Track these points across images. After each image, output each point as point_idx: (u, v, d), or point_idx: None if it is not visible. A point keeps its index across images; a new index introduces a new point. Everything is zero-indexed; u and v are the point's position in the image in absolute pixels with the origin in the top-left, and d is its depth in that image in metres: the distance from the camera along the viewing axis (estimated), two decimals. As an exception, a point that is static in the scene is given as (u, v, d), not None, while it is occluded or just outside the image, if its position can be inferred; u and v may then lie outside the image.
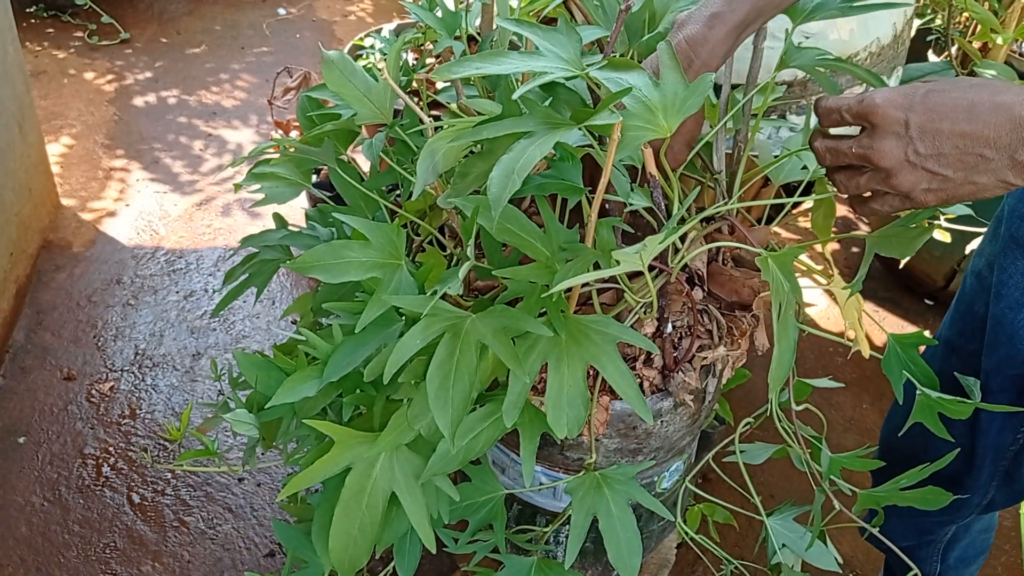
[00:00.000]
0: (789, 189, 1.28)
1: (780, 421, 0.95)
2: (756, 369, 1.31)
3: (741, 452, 1.08)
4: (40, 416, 1.55)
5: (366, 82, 0.85)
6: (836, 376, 1.55)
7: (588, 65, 0.69)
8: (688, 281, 0.89)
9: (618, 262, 0.65)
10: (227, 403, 0.94)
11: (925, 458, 0.92)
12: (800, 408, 0.98)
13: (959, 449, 0.92)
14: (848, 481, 1.04)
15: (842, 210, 2.20)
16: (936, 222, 1.45)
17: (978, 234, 1.56)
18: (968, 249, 1.74)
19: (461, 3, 0.98)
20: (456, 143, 0.72)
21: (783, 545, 1.03)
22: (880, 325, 1.42)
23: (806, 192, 1.05)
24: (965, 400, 0.90)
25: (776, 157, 0.96)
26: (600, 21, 0.84)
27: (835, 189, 0.72)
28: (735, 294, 0.90)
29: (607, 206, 0.85)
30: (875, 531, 1.01)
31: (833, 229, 2.09)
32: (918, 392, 0.89)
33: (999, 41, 1.55)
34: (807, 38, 1.17)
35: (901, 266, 1.82)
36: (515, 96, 0.66)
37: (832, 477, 1.00)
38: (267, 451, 0.93)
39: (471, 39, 0.99)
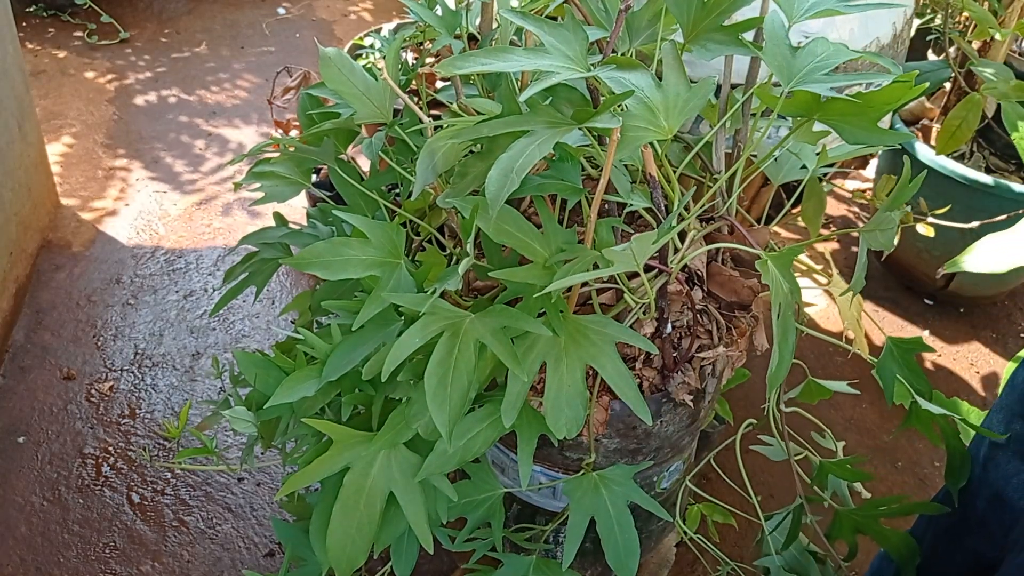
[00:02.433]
0: (788, 189, 1.28)
1: (775, 422, 0.96)
2: (756, 369, 1.31)
3: (766, 447, 1.08)
4: (40, 416, 1.55)
5: (365, 80, 0.84)
6: (836, 376, 1.56)
7: (592, 64, 0.69)
8: (688, 281, 0.89)
9: (612, 262, 0.65)
10: (228, 400, 0.94)
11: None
12: (790, 410, 0.98)
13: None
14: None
15: (840, 208, 2.20)
16: (919, 215, 1.45)
17: (971, 232, 1.55)
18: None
19: (461, 2, 0.98)
20: (455, 141, 0.72)
21: (778, 551, 1.03)
22: (879, 326, 1.42)
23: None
24: (954, 415, 0.90)
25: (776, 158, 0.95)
26: (601, 20, 0.84)
27: None
28: (734, 294, 0.90)
29: (607, 206, 0.85)
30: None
31: (831, 227, 2.10)
32: (912, 400, 0.89)
33: (997, 37, 1.55)
34: (806, 38, 1.17)
35: (883, 259, 1.82)
36: (522, 98, 0.66)
37: (820, 484, 1.00)
38: (266, 450, 0.93)
39: (471, 38, 0.99)
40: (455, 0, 1.00)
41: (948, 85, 1.75)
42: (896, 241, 0.80)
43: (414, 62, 1.81)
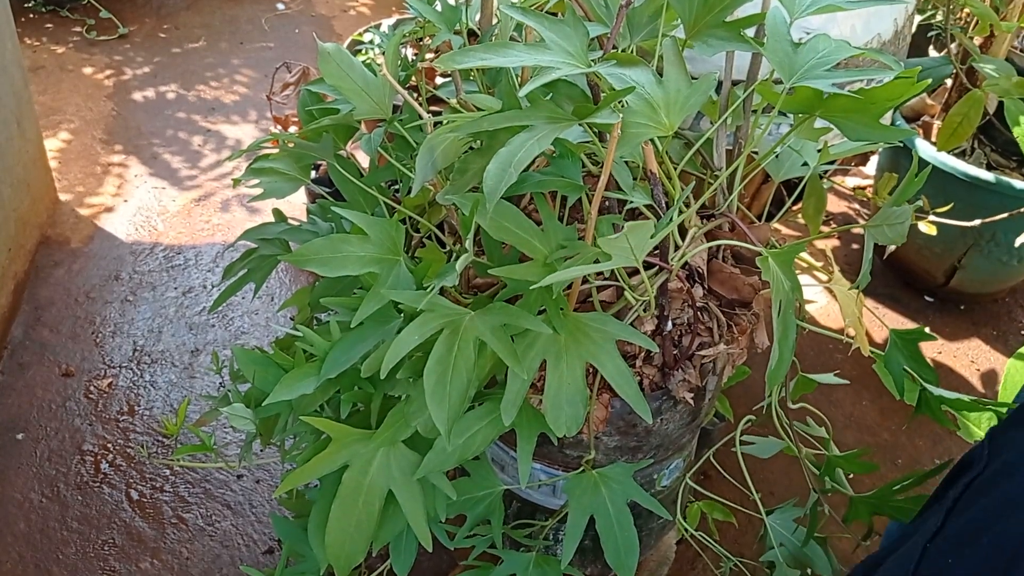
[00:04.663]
0: (789, 186, 1.28)
1: (779, 419, 0.95)
2: (756, 366, 1.31)
3: (750, 445, 1.08)
4: (38, 412, 1.55)
5: (364, 76, 0.84)
6: (836, 373, 1.56)
7: (593, 61, 0.69)
8: (688, 278, 0.88)
9: (612, 257, 0.64)
10: (227, 396, 0.94)
11: None
12: (796, 407, 0.98)
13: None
14: (850, 481, 1.03)
15: (841, 205, 2.20)
16: (920, 213, 1.45)
17: (971, 229, 1.55)
18: (967, 247, 1.74)
19: (460, -2, 0.98)
20: (455, 137, 0.72)
21: (781, 544, 1.03)
22: (882, 321, 1.41)
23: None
24: (964, 398, 0.90)
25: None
26: (601, 16, 0.83)
27: None
28: (735, 291, 0.89)
29: (607, 203, 0.85)
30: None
31: (831, 224, 2.09)
32: (921, 389, 0.89)
33: (1003, 28, 1.54)
34: (808, 34, 1.17)
35: (885, 256, 1.82)
36: (522, 93, 0.65)
37: (828, 477, 1.00)
38: (265, 447, 0.93)
39: (471, 33, 0.98)
40: (455, -5, 0.99)
41: (949, 82, 1.75)
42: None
43: (413, 58, 1.80)
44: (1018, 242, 1.38)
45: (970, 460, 0.67)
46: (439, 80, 1.66)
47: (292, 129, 1.85)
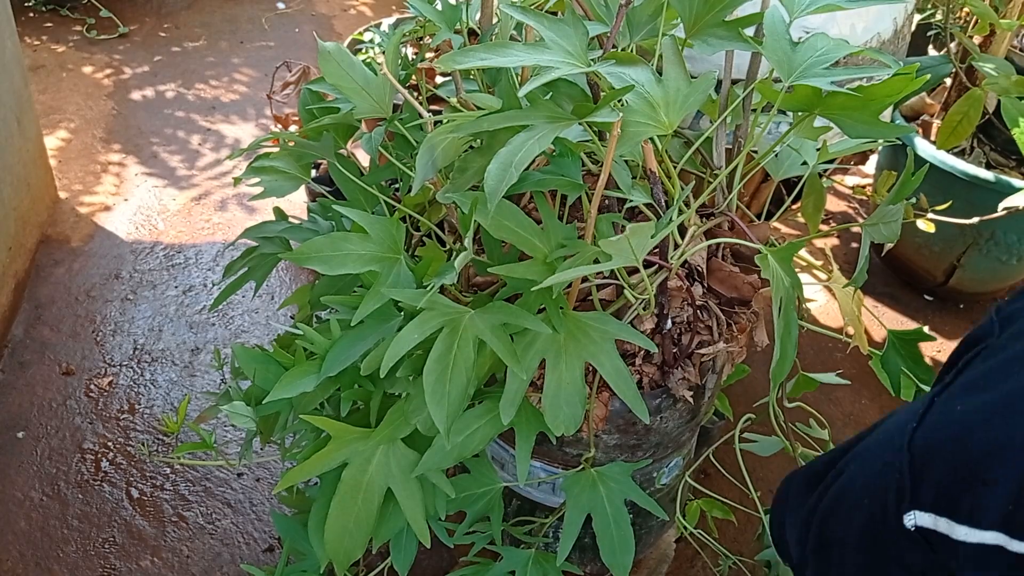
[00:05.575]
0: (789, 184, 1.28)
1: (777, 418, 0.95)
2: (755, 364, 1.31)
3: (750, 443, 1.08)
4: (39, 411, 1.55)
5: (365, 75, 0.84)
6: (839, 373, 1.56)
7: (593, 60, 0.69)
8: (688, 277, 0.88)
9: (612, 257, 0.65)
10: (228, 393, 0.94)
11: None
12: (792, 406, 0.98)
13: None
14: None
15: (840, 205, 2.20)
16: (919, 211, 1.45)
17: (971, 227, 1.55)
18: (966, 245, 1.74)
19: (460, -3, 0.98)
20: (455, 136, 0.72)
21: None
22: (880, 320, 1.42)
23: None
24: None
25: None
26: (601, 15, 0.84)
27: None
28: (735, 290, 0.90)
29: (607, 202, 0.85)
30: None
31: (831, 223, 2.09)
32: (917, 389, 0.89)
33: (1002, 27, 1.54)
34: (807, 33, 1.17)
35: (884, 254, 1.82)
36: (522, 92, 0.65)
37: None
38: (265, 445, 0.93)
39: (471, 33, 0.98)
40: (455, -6, 0.99)
41: (949, 81, 1.75)
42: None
43: (414, 57, 1.80)
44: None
45: (978, 336, 0.65)
46: (439, 79, 1.66)
47: (292, 128, 1.86)
